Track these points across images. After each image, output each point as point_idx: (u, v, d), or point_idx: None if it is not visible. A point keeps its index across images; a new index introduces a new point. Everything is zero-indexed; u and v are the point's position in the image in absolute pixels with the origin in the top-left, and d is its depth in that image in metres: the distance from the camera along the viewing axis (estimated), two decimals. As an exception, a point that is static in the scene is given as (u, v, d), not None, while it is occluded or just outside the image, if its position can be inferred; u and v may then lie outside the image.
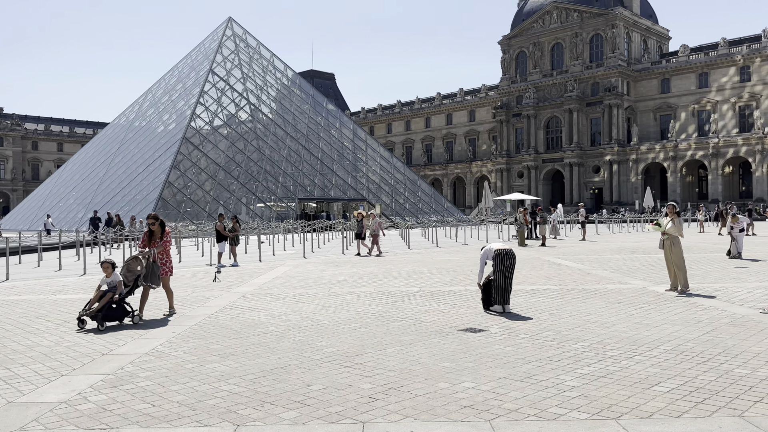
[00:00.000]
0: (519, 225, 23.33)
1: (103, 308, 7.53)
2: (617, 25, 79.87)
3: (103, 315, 7.51)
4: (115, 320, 7.71)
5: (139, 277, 8.08)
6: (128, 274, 8.10)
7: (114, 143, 51.22)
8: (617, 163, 78.10)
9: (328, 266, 15.66)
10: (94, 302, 7.68)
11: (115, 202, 40.80)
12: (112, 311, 7.66)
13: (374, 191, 51.36)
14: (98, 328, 7.41)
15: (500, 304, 8.42)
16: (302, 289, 11.03)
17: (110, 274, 7.94)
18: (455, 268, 14.36)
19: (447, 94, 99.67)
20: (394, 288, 10.97)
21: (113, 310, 7.67)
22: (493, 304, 8.51)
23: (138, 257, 8.20)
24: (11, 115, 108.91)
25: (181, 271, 14.89)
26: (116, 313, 7.71)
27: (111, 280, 7.93)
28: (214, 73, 48.92)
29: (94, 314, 7.49)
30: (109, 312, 7.60)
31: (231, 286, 11.56)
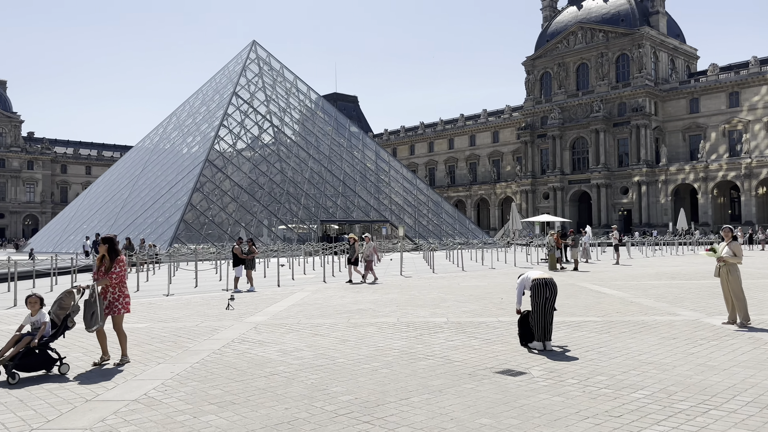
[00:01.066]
0: (549, 248, 22.26)
1: (17, 356, 6.14)
2: (644, 45, 78.67)
3: (17, 364, 6.12)
4: (33, 370, 6.29)
5: (69, 316, 6.69)
6: (59, 312, 6.68)
7: (138, 165, 51.39)
8: (646, 184, 76.27)
9: (348, 292, 14.82)
10: (8, 347, 6.31)
11: (138, 224, 40.65)
12: (30, 359, 6.23)
13: (397, 213, 50.56)
14: (8, 381, 5.96)
15: (540, 340, 7.47)
16: (319, 318, 10.19)
17: (36, 311, 6.56)
18: (484, 295, 13.40)
19: (470, 116, 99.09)
20: (419, 318, 10.07)
21: (32, 358, 6.24)
22: (531, 339, 7.57)
23: (72, 291, 6.80)
24: (41, 139, 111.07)
25: (195, 297, 14.19)
26: (35, 362, 6.27)
27: (36, 319, 6.52)
28: (237, 95, 48.95)
29: (5, 362, 6.09)
30: (25, 360, 6.19)
31: (244, 315, 10.77)
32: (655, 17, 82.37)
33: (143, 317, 10.82)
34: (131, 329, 9.42)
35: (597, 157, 79.49)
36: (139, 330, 9.24)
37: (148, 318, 10.72)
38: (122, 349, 7.09)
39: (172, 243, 35.17)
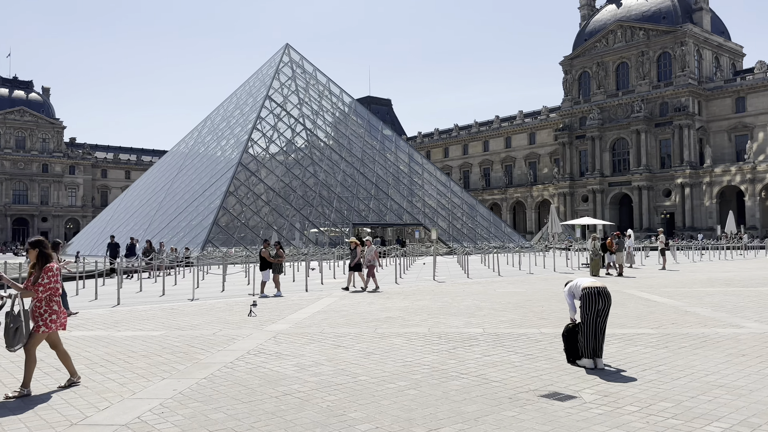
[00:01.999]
0: (594, 253, 21.08)
1: None
2: (687, 43, 76.02)
3: None
4: None
5: None
6: None
7: (173, 169, 51.76)
8: (689, 187, 73.58)
9: (377, 298, 14.08)
10: None
11: (172, 227, 40.77)
12: None
13: (431, 216, 49.67)
14: None
15: (591, 357, 6.59)
16: (344, 327, 9.47)
17: None
18: (523, 303, 12.49)
19: (506, 117, 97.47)
20: (451, 328, 9.25)
21: None
22: (580, 356, 6.69)
23: None
24: (83, 144, 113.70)
25: (219, 302, 13.65)
26: None
27: None
28: (270, 98, 48.86)
29: None
30: None
31: (265, 323, 10.13)
32: (699, 14, 79.59)
33: (161, 324, 10.28)
34: (146, 337, 8.88)
35: (638, 159, 77.11)
36: (153, 339, 8.67)
37: (166, 325, 10.17)
38: (68, 369, 6.07)
39: (204, 246, 35.06)
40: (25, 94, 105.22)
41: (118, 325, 10.29)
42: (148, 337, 8.79)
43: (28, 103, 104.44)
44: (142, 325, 10.17)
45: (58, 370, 6.61)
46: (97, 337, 8.87)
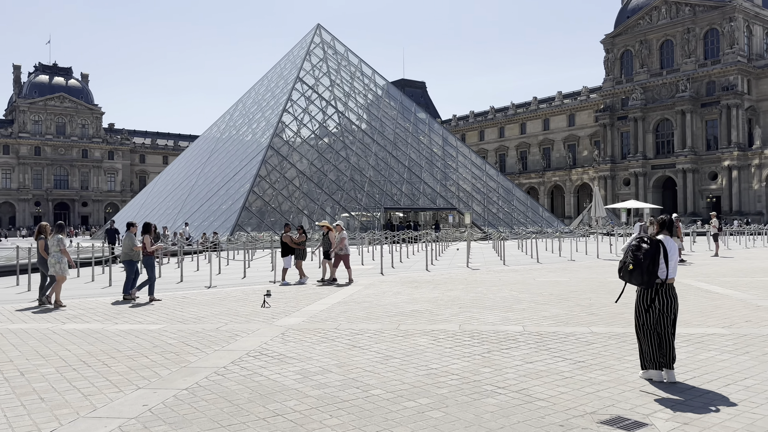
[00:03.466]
0: None
1: None
2: (736, 18, 72.06)
3: None
4: None
5: None
6: None
7: (205, 153, 51.40)
8: (737, 169, 70.18)
9: (405, 287, 12.95)
10: None
11: (203, 211, 40.36)
12: None
13: (465, 200, 48.18)
14: None
15: (657, 367, 5.33)
16: (363, 322, 8.37)
17: None
18: (567, 295, 11.18)
19: (544, 98, 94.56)
20: (486, 325, 8.06)
21: None
22: (644, 365, 5.44)
23: None
24: (121, 130, 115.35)
25: (236, 291, 12.72)
26: None
27: None
28: (301, 81, 47.89)
29: None
30: None
31: (277, 316, 9.11)
32: (749, -13, 75.43)
33: (164, 316, 9.36)
34: (141, 331, 7.95)
35: (683, 140, 73.85)
36: (147, 334, 7.73)
37: (170, 317, 9.25)
38: None
39: (234, 231, 34.48)
40: (64, 80, 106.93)
41: (119, 316, 9.41)
42: (143, 332, 7.85)
43: (68, 89, 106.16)
44: (144, 317, 9.27)
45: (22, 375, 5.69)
46: (87, 332, 7.98)
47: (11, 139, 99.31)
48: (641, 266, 5.18)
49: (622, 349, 6.54)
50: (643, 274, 5.18)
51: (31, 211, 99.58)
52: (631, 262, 5.23)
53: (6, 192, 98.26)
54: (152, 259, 11.65)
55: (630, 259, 5.26)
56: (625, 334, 7.29)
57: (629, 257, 5.29)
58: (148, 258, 11.57)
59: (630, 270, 5.22)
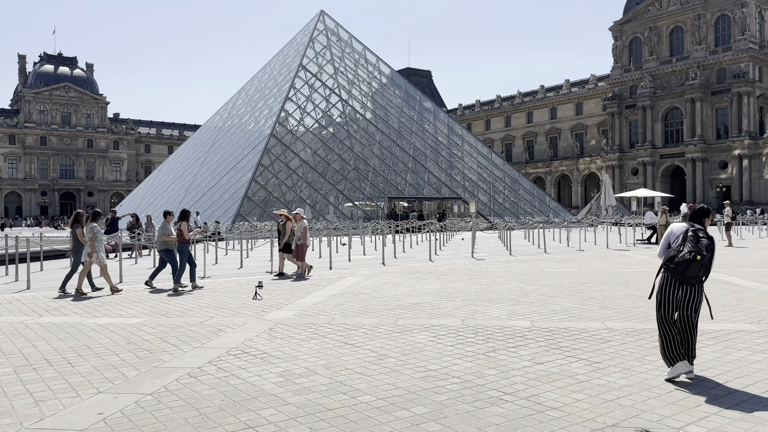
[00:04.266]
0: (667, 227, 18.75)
1: None
2: (747, 4, 70.67)
3: None
4: None
5: None
6: None
7: (207, 143, 50.84)
8: (748, 158, 69.10)
9: (406, 278, 12.34)
10: None
11: (204, 201, 39.85)
12: None
13: (470, 189, 47.47)
14: None
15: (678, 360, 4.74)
16: (359, 317, 7.77)
17: None
18: (578, 287, 10.55)
19: (551, 87, 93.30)
20: (491, 320, 7.44)
21: None
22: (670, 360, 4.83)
23: None
24: (126, 120, 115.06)
25: (230, 282, 12.15)
26: None
27: None
28: (304, 68, 47.17)
29: None
30: None
31: (268, 309, 8.52)
32: (762, -28, 73.93)
33: (148, 309, 8.79)
34: (119, 325, 7.38)
35: (692, 129, 72.72)
36: (125, 329, 7.15)
37: (154, 310, 8.68)
38: None
39: (235, 220, 33.95)
40: (69, 70, 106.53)
41: (100, 309, 8.85)
42: (121, 326, 7.28)
43: (73, 79, 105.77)
44: (126, 310, 8.70)
45: (-21, 375, 5.12)
46: (62, 325, 7.42)
47: (17, 129, 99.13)
48: (703, 260, 4.74)
49: (641, 347, 5.92)
50: (701, 269, 4.75)
51: (38, 201, 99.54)
52: (696, 252, 4.75)
53: (12, 182, 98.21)
54: (187, 247, 11.36)
55: (692, 248, 4.77)
56: (643, 330, 6.67)
57: (690, 247, 4.79)
58: (184, 245, 11.29)
59: (690, 260, 4.73)
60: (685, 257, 4.73)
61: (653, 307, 8.17)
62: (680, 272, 4.74)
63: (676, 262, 4.77)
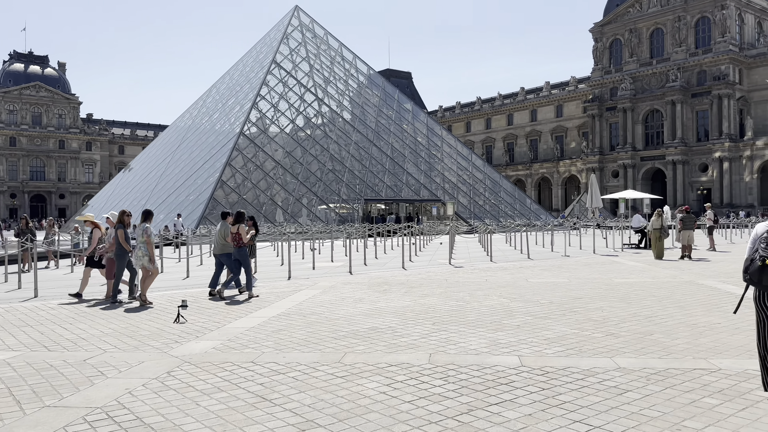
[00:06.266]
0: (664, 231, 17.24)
1: None
2: (728, 6, 70.35)
3: None
4: None
5: None
6: None
7: (175, 142, 48.61)
8: (728, 161, 68.70)
9: (371, 291, 10.59)
10: None
11: (170, 202, 37.75)
12: None
13: (450, 191, 45.93)
14: None
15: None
16: (297, 350, 5.98)
17: None
18: (571, 304, 8.88)
19: (531, 89, 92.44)
20: (467, 356, 5.72)
21: None
22: None
23: None
24: (99, 120, 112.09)
25: (162, 297, 10.25)
26: None
27: None
28: (278, 65, 45.26)
29: None
30: None
31: (184, 338, 6.70)
32: (742, -25, 73.79)
33: (36, 336, 6.90)
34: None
35: (673, 131, 72.18)
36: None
37: (42, 338, 6.81)
38: None
39: (200, 223, 31.94)
40: (40, 69, 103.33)
41: None
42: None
43: (44, 78, 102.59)
44: (6, 337, 6.82)
45: None
46: None
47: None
48: None
49: (673, 401, 4.24)
50: None
51: (6, 204, 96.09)
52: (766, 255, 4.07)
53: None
54: (245, 250, 10.55)
55: (763, 251, 4.07)
56: (667, 371, 5.00)
57: (762, 251, 4.09)
58: (241, 249, 10.47)
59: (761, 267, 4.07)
60: (756, 264, 4.15)
61: (669, 333, 6.56)
62: (757, 281, 4.14)
63: (750, 271, 4.18)
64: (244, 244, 10.51)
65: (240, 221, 10.65)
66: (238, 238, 10.48)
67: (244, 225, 10.73)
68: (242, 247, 10.48)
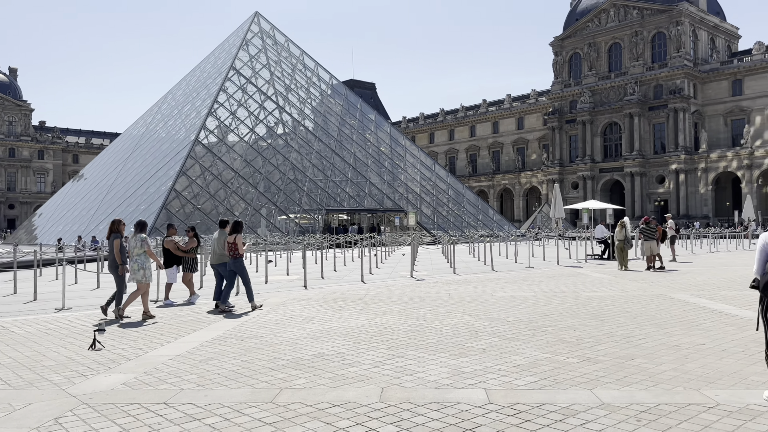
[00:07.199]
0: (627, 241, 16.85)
1: None
2: (682, 22, 72.19)
3: None
4: None
5: None
6: None
7: (127, 150, 46.75)
8: (684, 173, 70.15)
9: (324, 308, 9.68)
10: None
11: (119, 213, 35.92)
12: None
13: (414, 202, 45.31)
14: None
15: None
16: (223, 386, 5.04)
17: None
18: (541, 321, 8.14)
19: (493, 101, 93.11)
20: (426, 391, 4.87)
21: None
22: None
23: None
24: (53, 128, 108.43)
25: (84, 317, 9.14)
26: None
27: None
28: (237, 71, 44.03)
29: None
30: None
31: (95, 369, 5.68)
32: (694, -8, 75.95)
33: None
34: None
35: (631, 144, 73.43)
36: None
37: None
38: None
39: (150, 234, 30.42)
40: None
41: None
42: None
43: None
44: None
45: None
46: None
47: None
48: None
49: (673, 450, 3.48)
50: None
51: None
52: None
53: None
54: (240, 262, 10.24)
55: None
56: (658, 406, 4.25)
57: None
58: (237, 260, 10.11)
59: None
60: None
61: (652, 357, 5.85)
62: None
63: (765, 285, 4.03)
64: (240, 254, 10.21)
65: (237, 231, 10.28)
66: (234, 248, 10.13)
67: (241, 235, 10.37)
68: (238, 258, 10.18)
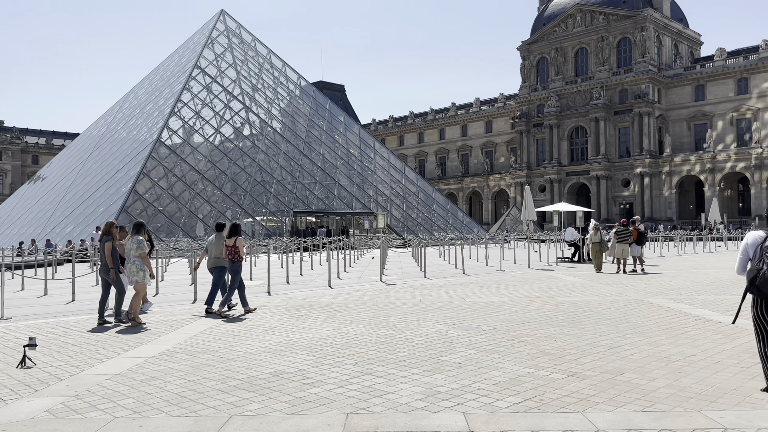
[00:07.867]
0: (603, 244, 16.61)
1: None
2: (647, 28, 73.47)
3: None
4: None
5: None
6: None
7: (86, 151, 45.11)
8: (649, 176, 71.29)
9: (287, 317, 9.03)
10: None
11: (75, 216, 34.63)
12: None
13: (383, 204, 44.78)
14: None
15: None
16: (162, 414, 4.36)
17: None
18: (518, 330, 7.64)
19: (462, 105, 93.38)
20: (396, 416, 4.29)
21: None
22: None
23: None
24: (11, 128, 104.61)
25: (23, 328, 8.30)
26: None
27: None
28: (202, 70, 42.87)
29: None
30: None
31: (18, 392, 4.96)
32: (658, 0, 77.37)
33: None
34: None
35: (597, 148, 74.33)
36: None
37: None
38: None
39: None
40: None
41: None
42: None
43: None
44: None
45: None
46: None
47: None
48: None
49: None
50: None
51: None
52: None
53: None
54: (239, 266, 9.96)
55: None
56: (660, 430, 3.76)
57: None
58: (235, 264, 9.83)
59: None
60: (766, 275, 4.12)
61: (642, 371, 5.38)
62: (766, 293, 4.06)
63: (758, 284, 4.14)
64: (240, 258, 9.90)
65: (236, 233, 9.93)
66: (234, 252, 9.78)
67: (241, 237, 10.03)
68: (236, 262, 9.86)
